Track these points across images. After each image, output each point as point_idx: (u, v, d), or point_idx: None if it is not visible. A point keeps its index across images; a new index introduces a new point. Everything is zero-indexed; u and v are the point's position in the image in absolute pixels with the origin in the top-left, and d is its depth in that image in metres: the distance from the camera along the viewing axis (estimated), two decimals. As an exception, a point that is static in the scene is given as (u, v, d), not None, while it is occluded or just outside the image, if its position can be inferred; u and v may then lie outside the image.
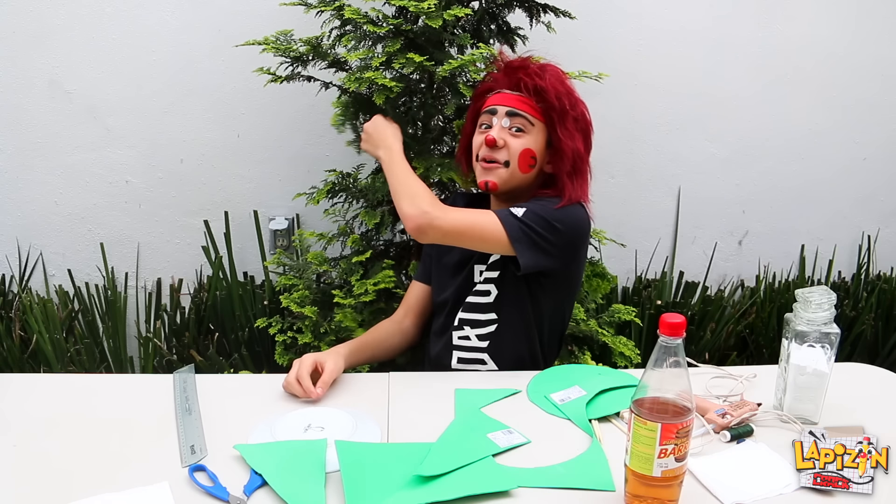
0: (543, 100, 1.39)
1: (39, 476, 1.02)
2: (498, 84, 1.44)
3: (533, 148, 1.40)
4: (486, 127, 1.42)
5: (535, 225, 1.34)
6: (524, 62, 1.45)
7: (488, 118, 1.42)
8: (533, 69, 1.41)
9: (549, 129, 1.41)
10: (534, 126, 1.40)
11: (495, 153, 1.39)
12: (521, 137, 1.39)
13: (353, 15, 1.86)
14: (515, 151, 1.39)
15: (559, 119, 1.39)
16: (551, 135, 1.40)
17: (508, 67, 1.45)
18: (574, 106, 1.41)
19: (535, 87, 1.39)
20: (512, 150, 1.39)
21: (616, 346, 2.03)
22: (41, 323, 2.29)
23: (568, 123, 1.40)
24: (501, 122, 1.39)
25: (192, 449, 1.08)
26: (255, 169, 2.53)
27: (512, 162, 1.39)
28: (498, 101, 1.41)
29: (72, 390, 1.28)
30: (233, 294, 2.44)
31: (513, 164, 1.39)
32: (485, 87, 1.48)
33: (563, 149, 1.39)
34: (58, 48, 2.37)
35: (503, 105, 1.40)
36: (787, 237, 2.82)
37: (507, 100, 1.41)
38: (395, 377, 1.34)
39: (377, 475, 1.01)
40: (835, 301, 1.14)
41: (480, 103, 1.46)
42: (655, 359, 0.91)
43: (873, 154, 2.77)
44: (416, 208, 1.33)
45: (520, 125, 1.39)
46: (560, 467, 1.06)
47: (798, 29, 2.58)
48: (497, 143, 1.38)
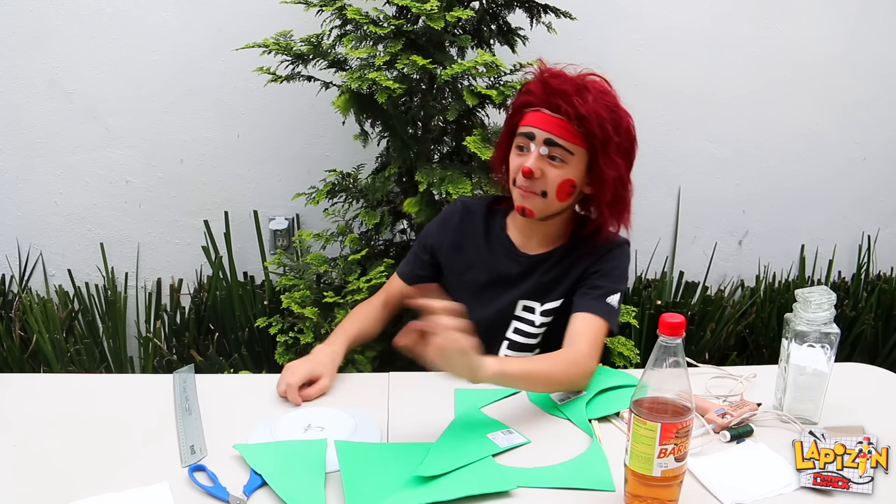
0: (585, 127, 1.26)
1: (39, 476, 1.02)
2: (536, 100, 1.30)
3: (573, 178, 1.29)
4: (522, 150, 1.31)
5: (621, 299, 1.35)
6: (564, 81, 1.29)
7: (525, 141, 1.30)
8: (573, 93, 1.26)
9: (589, 155, 1.29)
10: (573, 155, 1.28)
11: (532, 184, 1.29)
12: (560, 168, 1.28)
13: (355, 15, 1.86)
14: (553, 183, 1.28)
15: (601, 147, 1.27)
16: (592, 162, 1.30)
17: (548, 86, 1.29)
18: (618, 128, 1.29)
19: (579, 114, 1.25)
20: (550, 180, 1.28)
21: (614, 346, 2.03)
22: (41, 323, 2.29)
23: (611, 150, 1.28)
24: (539, 149, 1.28)
25: (192, 449, 1.08)
26: (255, 169, 2.53)
27: (550, 192, 1.29)
28: (535, 123, 1.28)
29: (72, 390, 1.28)
30: (233, 294, 2.44)
31: (550, 195, 1.29)
32: (522, 101, 1.33)
33: (605, 178, 1.29)
34: (58, 48, 2.37)
35: (541, 130, 1.27)
36: (787, 237, 2.82)
37: (545, 123, 1.27)
38: (395, 377, 1.34)
39: (377, 475, 1.01)
40: (835, 301, 1.14)
41: (518, 118, 1.33)
42: (655, 359, 0.91)
43: (873, 154, 2.77)
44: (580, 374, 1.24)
45: (559, 155, 1.27)
46: (560, 467, 1.06)
47: (798, 28, 2.58)
48: (534, 174, 1.27)
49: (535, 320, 1.40)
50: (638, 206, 2.71)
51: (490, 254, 1.43)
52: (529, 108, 1.31)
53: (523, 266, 1.40)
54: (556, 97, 1.27)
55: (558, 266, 1.38)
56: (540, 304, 1.40)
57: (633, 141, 1.34)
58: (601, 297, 1.32)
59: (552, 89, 1.28)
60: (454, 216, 1.47)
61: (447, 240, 1.46)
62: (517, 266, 1.40)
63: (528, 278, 1.40)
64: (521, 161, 1.29)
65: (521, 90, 1.36)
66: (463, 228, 1.45)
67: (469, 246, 1.44)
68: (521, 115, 1.32)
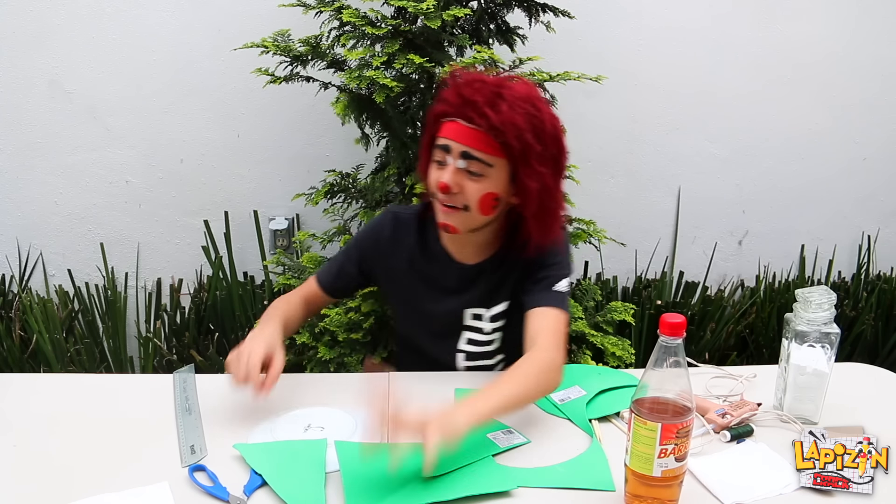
0: (505, 138, 1.17)
1: (39, 476, 1.02)
2: (451, 110, 1.20)
3: (494, 191, 1.21)
4: (441, 164, 1.22)
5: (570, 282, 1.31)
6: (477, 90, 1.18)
7: (442, 155, 1.22)
8: (485, 103, 1.16)
9: (511, 166, 1.20)
10: (493, 167, 1.19)
11: (452, 199, 1.21)
12: (479, 182, 1.20)
13: (352, 17, 1.86)
14: (474, 197, 1.20)
15: (522, 159, 1.18)
16: (514, 172, 1.21)
17: (461, 95, 1.19)
18: (540, 136, 1.18)
19: (489, 126, 1.16)
20: (469, 195, 1.20)
21: (606, 346, 2.01)
22: (41, 323, 2.29)
23: (532, 161, 1.19)
24: (456, 163, 1.20)
25: (192, 449, 1.08)
26: (255, 169, 2.53)
27: (472, 207, 1.21)
28: (451, 136, 1.20)
29: (72, 390, 1.28)
30: (233, 294, 2.44)
31: (473, 210, 1.22)
32: (438, 111, 1.24)
33: (528, 190, 1.20)
34: (58, 48, 2.37)
35: (457, 142, 1.19)
36: (787, 237, 2.83)
37: (460, 135, 1.19)
38: (395, 377, 1.34)
39: (377, 475, 1.01)
40: (835, 301, 1.14)
41: (435, 128, 1.24)
42: (655, 359, 0.91)
43: (873, 154, 2.77)
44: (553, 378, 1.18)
45: (476, 169, 1.19)
46: (560, 467, 1.06)
47: (798, 29, 2.58)
48: (451, 189, 1.20)
49: (485, 327, 1.36)
50: (638, 206, 2.76)
51: (428, 266, 1.36)
52: (445, 117, 1.22)
53: (464, 277, 1.34)
54: (468, 108, 1.18)
55: (499, 271, 1.33)
56: (487, 310, 1.35)
57: (560, 147, 1.24)
58: (548, 287, 1.27)
59: (465, 99, 1.18)
60: (385, 228, 1.38)
61: (382, 252, 1.38)
62: (457, 277, 1.35)
63: (471, 288, 1.34)
64: (439, 175, 1.21)
65: (438, 98, 1.26)
66: (397, 240, 1.37)
67: (405, 259, 1.37)
68: (438, 125, 1.23)
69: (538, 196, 1.21)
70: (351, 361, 1.95)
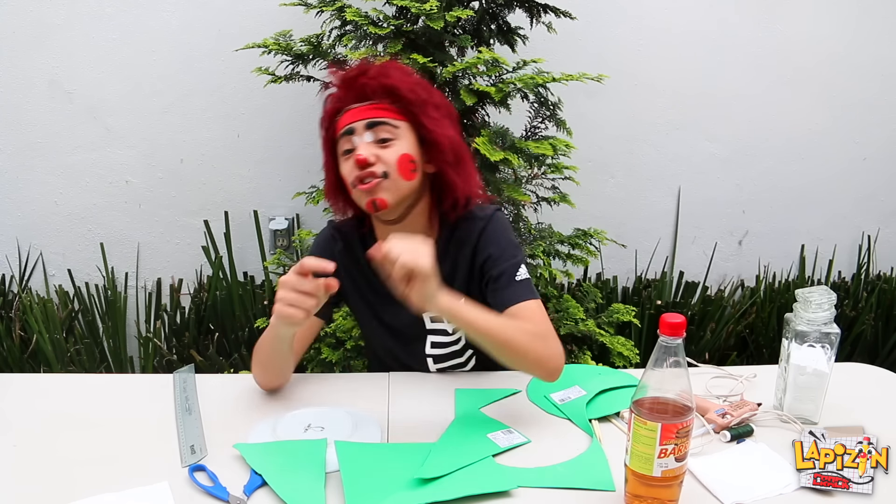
0: (398, 97, 1.23)
1: (39, 476, 1.02)
2: (343, 102, 1.26)
3: (408, 151, 1.23)
4: (349, 152, 1.24)
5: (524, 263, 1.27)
6: (361, 68, 1.26)
7: (348, 141, 1.24)
8: (374, 70, 1.25)
9: (414, 126, 1.25)
10: (399, 129, 1.23)
11: (370, 171, 1.21)
12: (391, 146, 1.22)
13: (355, 17, 1.86)
14: (392, 160, 1.21)
15: (421, 111, 1.24)
16: (420, 130, 1.25)
17: (347, 79, 1.26)
18: (431, 93, 1.26)
19: (383, 88, 1.22)
20: (387, 160, 1.21)
21: (614, 346, 2.03)
22: (41, 323, 2.29)
23: (431, 112, 1.24)
24: (364, 137, 1.22)
25: (192, 449, 1.08)
26: (255, 169, 2.53)
27: (391, 172, 1.21)
28: (351, 119, 1.24)
29: (72, 390, 1.28)
30: (233, 294, 2.44)
31: (393, 174, 1.22)
32: (330, 110, 1.28)
33: (438, 140, 1.24)
34: (58, 48, 2.37)
35: (358, 120, 1.23)
36: (787, 237, 2.83)
37: (360, 114, 1.23)
38: (395, 377, 1.34)
39: (377, 475, 1.01)
40: (835, 301, 1.14)
41: (332, 130, 1.28)
42: (655, 359, 0.91)
43: (873, 154, 2.77)
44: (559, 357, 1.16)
45: (385, 134, 1.22)
46: (560, 467, 1.06)
47: (798, 29, 2.58)
48: (369, 160, 1.20)
49: (448, 327, 1.34)
50: (638, 206, 2.76)
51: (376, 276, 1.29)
52: (339, 113, 1.26)
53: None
54: (355, 90, 1.24)
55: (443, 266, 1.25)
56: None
57: (452, 110, 1.30)
58: (510, 282, 1.24)
59: (353, 79, 1.25)
60: (335, 242, 1.37)
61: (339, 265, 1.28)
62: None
63: None
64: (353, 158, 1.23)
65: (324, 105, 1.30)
66: (347, 254, 1.36)
67: (355, 272, 1.35)
68: (334, 124, 1.27)
69: (450, 145, 1.25)
70: (357, 365, 1.95)
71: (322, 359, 1.97)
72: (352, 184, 1.24)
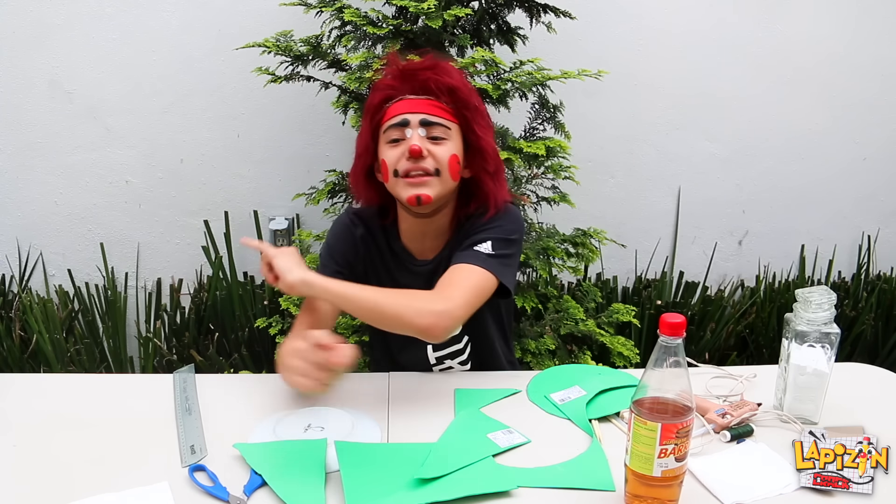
0: (456, 99, 1.25)
1: (39, 476, 1.02)
2: (397, 91, 1.26)
3: (457, 153, 1.25)
4: (397, 141, 1.24)
5: (504, 250, 1.27)
6: (421, 65, 1.27)
7: (399, 131, 1.24)
8: (438, 67, 1.25)
9: (464, 130, 1.27)
10: (451, 130, 1.25)
11: (422, 164, 1.22)
12: (443, 145, 1.24)
13: (354, 17, 1.86)
14: (444, 159, 1.23)
15: (473, 117, 1.26)
16: (467, 136, 1.27)
17: (408, 70, 1.26)
18: (481, 102, 1.30)
19: (445, 87, 1.24)
20: (439, 157, 1.23)
21: (614, 346, 2.03)
22: (41, 323, 2.29)
23: (480, 120, 1.27)
24: (416, 132, 1.23)
25: (192, 449, 1.08)
26: (255, 169, 2.53)
27: (443, 170, 1.23)
28: (406, 110, 1.24)
29: (72, 390, 1.28)
30: (233, 294, 2.44)
31: (444, 173, 1.23)
32: (381, 97, 1.27)
33: (484, 148, 1.27)
34: (58, 48, 2.37)
35: (414, 113, 1.23)
36: (787, 237, 2.83)
37: (416, 106, 1.24)
38: (396, 377, 1.34)
39: (377, 475, 1.01)
40: (835, 301, 1.14)
41: (380, 115, 1.27)
42: (655, 359, 0.91)
43: (873, 154, 2.77)
44: (430, 315, 1.15)
45: (438, 133, 1.24)
46: (560, 467, 1.06)
47: (798, 29, 2.58)
48: (422, 152, 1.21)
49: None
50: (638, 206, 2.76)
51: (396, 267, 1.36)
52: (391, 101, 1.26)
53: (425, 274, 1.34)
54: (422, 74, 1.25)
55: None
56: None
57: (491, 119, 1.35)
58: (470, 247, 1.26)
59: (414, 72, 1.25)
60: (355, 227, 1.37)
61: (359, 252, 1.37)
62: (419, 276, 1.35)
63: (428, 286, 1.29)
64: (404, 147, 1.23)
65: (375, 88, 1.30)
66: (367, 240, 1.37)
67: (375, 259, 1.37)
68: (382, 111, 1.27)
69: (493, 153, 1.29)
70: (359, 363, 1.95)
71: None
72: (396, 173, 1.24)
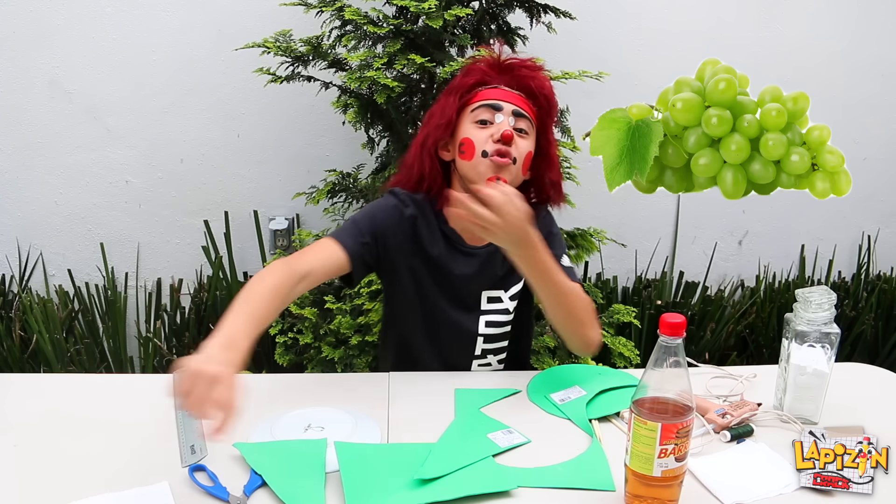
0: (540, 103, 1.30)
1: (39, 476, 1.02)
2: (491, 79, 1.29)
3: (532, 151, 1.29)
4: (485, 123, 1.26)
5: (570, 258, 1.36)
6: (523, 61, 1.31)
7: (489, 113, 1.26)
8: (535, 69, 1.31)
9: (539, 134, 1.31)
10: (533, 129, 1.30)
11: (509, 150, 1.24)
12: (526, 139, 1.28)
13: (354, 16, 1.86)
14: (523, 152, 1.27)
15: (550, 126, 1.32)
16: (540, 141, 1.31)
17: (506, 64, 1.30)
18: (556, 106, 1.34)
19: (539, 89, 1.29)
20: (521, 149, 1.26)
21: (615, 346, 2.03)
22: (41, 323, 2.29)
23: (552, 126, 1.33)
24: (508, 120, 1.26)
25: (192, 449, 1.07)
26: (255, 169, 2.53)
27: (519, 161, 1.26)
28: (501, 97, 1.27)
29: (72, 390, 1.28)
30: (233, 294, 2.44)
31: (519, 163, 1.27)
32: (474, 80, 1.30)
33: (552, 156, 1.32)
34: (58, 48, 2.37)
35: (508, 103, 1.27)
36: (787, 237, 2.83)
37: (510, 97, 1.28)
38: (395, 377, 1.34)
39: (377, 476, 1.01)
40: (835, 301, 1.14)
41: (470, 96, 1.29)
42: (655, 359, 0.91)
43: (873, 154, 2.77)
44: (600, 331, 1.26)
45: (524, 127, 1.27)
46: (560, 467, 1.06)
47: (798, 29, 2.58)
48: (514, 138, 1.24)
49: (506, 307, 1.38)
50: (638, 206, 2.75)
51: (447, 250, 1.34)
52: (484, 86, 1.29)
53: (479, 260, 1.35)
54: (518, 71, 1.29)
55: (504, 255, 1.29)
56: (505, 291, 1.38)
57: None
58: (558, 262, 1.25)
59: (511, 66, 1.30)
60: (406, 207, 1.32)
61: (407, 230, 1.32)
62: (473, 261, 1.34)
63: (485, 272, 1.35)
64: (493, 130, 1.25)
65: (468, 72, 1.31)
66: (418, 221, 1.32)
67: (425, 239, 1.33)
68: (473, 92, 1.29)
69: (558, 163, 1.35)
70: (359, 363, 1.95)
71: (323, 357, 1.97)
72: (484, 153, 1.25)
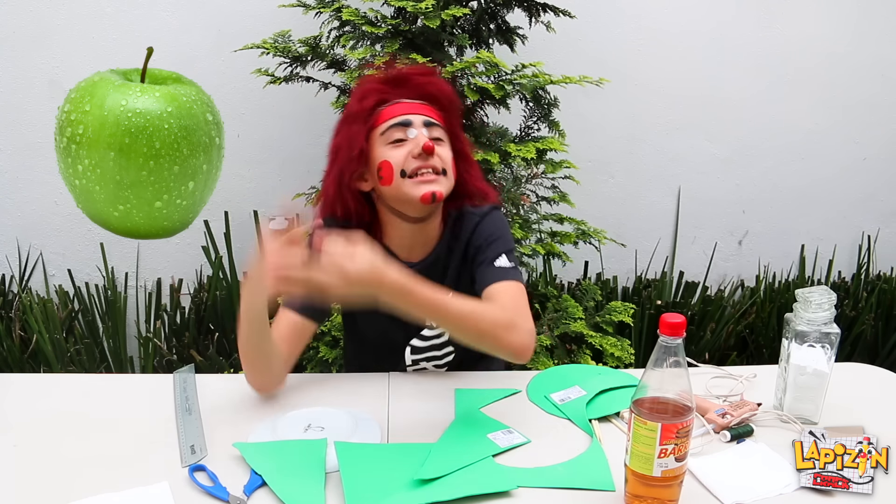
0: (444, 107, 1.27)
1: (40, 476, 1.02)
2: (390, 95, 1.25)
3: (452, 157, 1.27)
4: (400, 141, 1.22)
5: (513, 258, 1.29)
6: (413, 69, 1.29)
7: (401, 131, 1.22)
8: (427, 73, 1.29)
9: (451, 137, 1.28)
10: (445, 135, 1.26)
11: (432, 161, 1.21)
12: (444, 147, 1.24)
13: (352, 17, 1.86)
14: (448, 159, 1.24)
15: (459, 125, 1.30)
16: (454, 142, 1.28)
17: (399, 76, 1.26)
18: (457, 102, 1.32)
19: (439, 93, 1.27)
20: (444, 158, 1.23)
21: (605, 347, 2.00)
22: (41, 323, 2.29)
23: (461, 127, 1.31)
24: (422, 132, 1.22)
25: (192, 449, 1.08)
26: (255, 169, 2.53)
27: (448, 170, 1.24)
28: (407, 111, 1.23)
29: (72, 390, 1.28)
30: (233, 294, 2.44)
31: (449, 173, 1.24)
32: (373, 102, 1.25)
33: (466, 151, 1.30)
34: (58, 48, 2.37)
35: (416, 114, 1.23)
36: (787, 237, 2.83)
37: (415, 109, 1.24)
38: (396, 377, 1.34)
39: (377, 476, 1.01)
40: (835, 301, 1.14)
41: (374, 119, 1.24)
42: (656, 359, 0.91)
43: (873, 154, 2.77)
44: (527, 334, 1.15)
45: (439, 135, 1.24)
46: (560, 467, 1.06)
47: (798, 29, 2.58)
48: (435, 149, 1.20)
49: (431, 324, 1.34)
50: (638, 206, 2.76)
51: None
52: (384, 104, 1.24)
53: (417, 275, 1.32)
54: (414, 84, 1.26)
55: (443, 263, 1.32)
56: None
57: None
58: (489, 265, 1.25)
59: (405, 77, 1.26)
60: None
61: None
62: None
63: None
64: (411, 146, 1.21)
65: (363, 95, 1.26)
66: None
67: None
68: (376, 114, 1.24)
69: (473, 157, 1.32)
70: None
71: (320, 358, 1.97)
72: (404, 173, 1.21)
